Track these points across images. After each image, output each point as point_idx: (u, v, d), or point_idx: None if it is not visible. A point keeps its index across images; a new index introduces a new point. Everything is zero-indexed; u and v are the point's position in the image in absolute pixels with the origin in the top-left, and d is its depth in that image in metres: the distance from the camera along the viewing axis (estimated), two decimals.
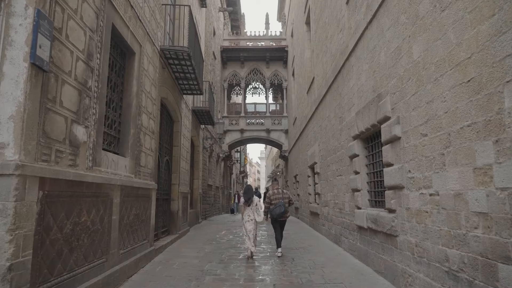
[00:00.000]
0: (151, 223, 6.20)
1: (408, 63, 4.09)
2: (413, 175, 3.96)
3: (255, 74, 22.31)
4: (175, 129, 9.21)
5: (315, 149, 10.88)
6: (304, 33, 13.74)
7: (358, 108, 6.15)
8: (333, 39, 8.24)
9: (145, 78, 5.83)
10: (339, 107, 7.67)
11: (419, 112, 3.81)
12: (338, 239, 7.82)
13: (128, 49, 5.22)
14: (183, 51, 6.82)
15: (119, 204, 4.57)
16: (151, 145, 6.21)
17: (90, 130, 3.74)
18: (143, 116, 5.73)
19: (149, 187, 6.04)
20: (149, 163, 6.09)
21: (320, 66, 10.06)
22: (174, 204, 8.88)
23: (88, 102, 3.68)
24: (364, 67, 5.83)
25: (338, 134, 7.77)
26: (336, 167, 8.02)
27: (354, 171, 6.32)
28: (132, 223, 5.20)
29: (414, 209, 3.94)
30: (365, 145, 6.13)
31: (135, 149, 5.32)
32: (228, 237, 9.52)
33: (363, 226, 5.76)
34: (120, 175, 4.68)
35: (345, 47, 7.01)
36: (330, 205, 8.69)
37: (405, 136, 4.19)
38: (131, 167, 5.17)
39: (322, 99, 9.64)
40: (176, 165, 9.06)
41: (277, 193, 7.01)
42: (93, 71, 3.79)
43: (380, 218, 4.96)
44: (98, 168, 3.95)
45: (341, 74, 7.46)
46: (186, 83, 8.72)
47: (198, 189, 13.51)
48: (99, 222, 3.97)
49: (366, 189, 6.03)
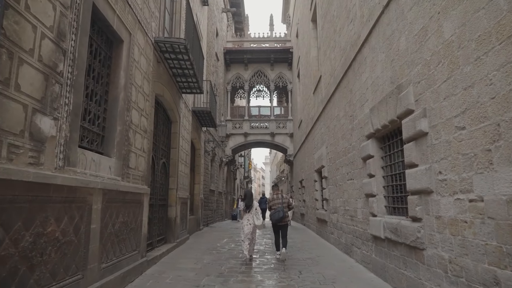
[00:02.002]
0: (143, 231, 5.58)
1: (437, 45, 3.47)
2: (446, 176, 3.31)
3: (259, 76, 21.75)
4: (173, 130, 8.63)
5: (323, 152, 10.24)
6: (310, 31, 13.17)
7: (372, 103, 5.53)
8: (342, 32, 7.65)
9: (136, 71, 5.26)
10: (350, 104, 7.04)
11: (453, 101, 3.18)
12: (349, 249, 7.14)
13: (115, 36, 4.65)
14: (180, 43, 6.25)
15: (101, 210, 3.96)
16: (142, 145, 5.62)
17: (61, 123, 3.15)
18: (133, 112, 5.14)
19: (140, 192, 5.44)
20: (140, 164, 5.50)
21: (327, 63, 9.46)
22: (171, 211, 8.27)
23: (58, 90, 3.10)
24: (380, 57, 5.21)
25: (349, 134, 7.14)
26: (346, 170, 7.38)
27: (368, 174, 5.67)
28: (119, 232, 4.59)
29: (447, 218, 3.29)
30: (381, 145, 5.49)
31: (123, 148, 4.73)
32: (229, 245, 8.87)
33: (380, 236, 5.10)
34: (103, 177, 4.08)
35: (357, 38, 6.41)
36: (340, 212, 8.03)
37: (434, 131, 3.55)
38: (118, 168, 4.57)
39: (330, 98, 9.03)
40: (174, 169, 8.46)
41: (276, 198, 7.18)
42: (65, 54, 3.22)
43: (401, 228, 4.30)
44: (72, 168, 3.36)
45: (352, 68, 6.85)
46: (184, 80, 8.15)
47: (199, 195, 12.90)
48: (73, 232, 3.36)
49: (383, 194, 5.37)
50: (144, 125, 5.70)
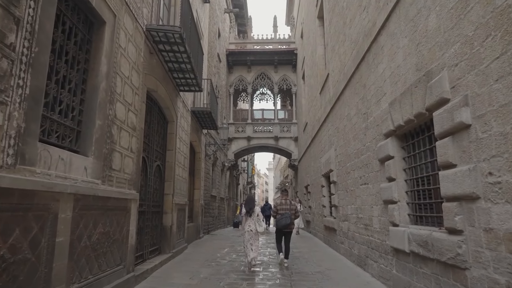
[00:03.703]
0: (130, 242, 4.89)
1: (484, 15, 2.78)
2: (500, 179, 2.60)
3: (263, 79, 21.11)
4: (169, 131, 7.96)
5: (331, 155, 9.53)
6: (316, 28, 12.54)
7: (392, 97, 4.84)
8: (354, 23, 6.98)
9: (122, 59, 4.61)
10: (363, 101, 6.35)
11: (510, 82, 2.48)
12: (363, 261, 6.39)
13: (95, 16, 4.01)
14: (174, 31, 5.60)
15: (71, 220, 3.28)
16: (130, 144, 4.95)
17: (12, 110, 2.49)
18: (118, 105, 4.48)
19: (127, 197, 4.75)
20: (127, 166, 4.82)
21: (336, 59, 8.79)
22: (167, 218, 7.57)
23: (7, 67, 2.44)
24: (402, 42, 4.53)
25: (362, 134, 6.43)
26: (359, 174, 6.66)
27: (388, 177, 4.96)
28: (97, 245, 3.90)
29: (502, 232, 2.57)
30: (402, 144, 4.78)
31: (104, 146, 4.05)
32: (230, 256, 8.14)
33: (403, 249, 4.37)
34: (75, 179, 3.41)
35: (372, 26, 5.74)
36: (351, 220, 7.29)
37: (481, 123, 2.85)
38: (97, 170, 3.90)
39: (339, 96, 8.34)
40: (170, 172, 7.77)
41: (284, 203, 7.01)
42: (19, 23, 2.56)
43: (434, 241, 3.58)
44: (28, 168, 2.68)
45: (365, 61, 6.17)
46: (182, 76, 7.50)
47: (199, 200, 12.19)
48: (28, 248, 2.68)
49: (405, 201, 4.66)
50: (133, 122, 5.04)
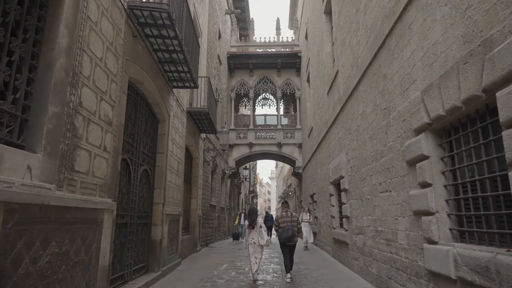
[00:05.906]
0: (101, 263, 3.93)
1: None
2: None
3: (265, 83, 20.26)
4: (160, 131, 7.05)
5: (341, 160, 8.57)
6: (322, 25, 11.71)
7: (426, 82, 3.92)
8: (369, 7, 6.11)
9: (92, 34, 3.72)
10: (383, 94, 5.44)
11: None
12: (384, 283, 5.39)
13: None
14: (161, 9, 4.72)
15: (2, 237, 2.35)
16: (103, 141, 4.03)
17: None
18: (85, 91, 3.58)
19: (96, 207, 3.81)
20: (98, 168, 3.90)
21: (348, 52, 7.91)
22: (156, 231, 6.61)
23: None
24: (440, 13, 3.63)
25: (382, 133, 5.50)
26: (378, 179, 5.70)
27: (421, 182, 4.00)
28: (48, 270, 2.95)
29: None
30: (441, 141, 3.84)
31: (61, 141, 3.14)
32: (229, 274, 7.12)
33: (446, 275, 3.40)
34: (10, 183, 2.48)
35: (395, 3, 4.85)
36: (368, 233, 6.30)
37: None
38: (48, 170, 2.97)
39: (352, 93, 7.43)
40: (160, 179, 6.83)
41: (285, 216, 6.75)
42: None
43: (500, 268, 2.61)
44: None
45: (386, 46, 5.28)
46: (174, 69, 6.62)
47: (196, 210, 11.22)
48: None
49: (445, 212, 3.70)
50: (107, 114, 4.13)
